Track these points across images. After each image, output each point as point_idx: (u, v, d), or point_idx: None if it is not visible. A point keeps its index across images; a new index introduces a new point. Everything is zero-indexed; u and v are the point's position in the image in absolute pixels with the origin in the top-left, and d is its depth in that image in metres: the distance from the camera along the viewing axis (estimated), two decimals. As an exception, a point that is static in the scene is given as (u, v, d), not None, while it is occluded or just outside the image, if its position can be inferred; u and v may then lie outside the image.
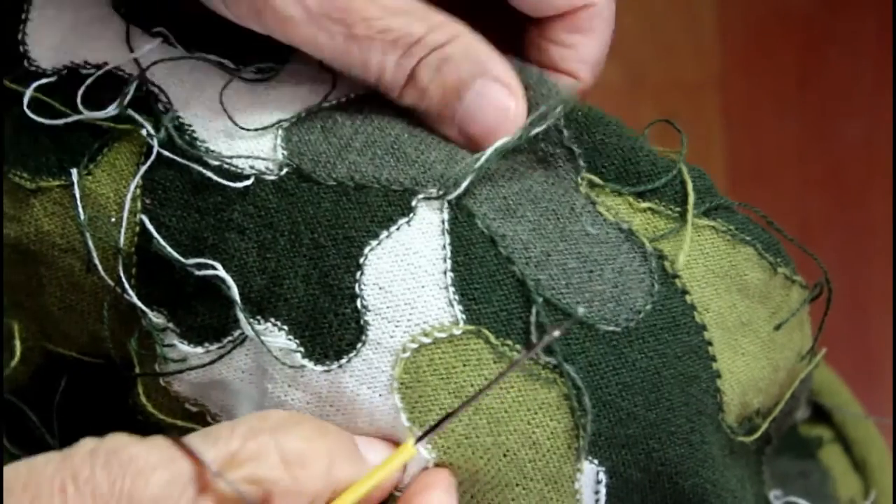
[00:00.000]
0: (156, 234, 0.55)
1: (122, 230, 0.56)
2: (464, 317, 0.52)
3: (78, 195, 0.56)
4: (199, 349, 0.54)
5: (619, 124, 0.59)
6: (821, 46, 1.47)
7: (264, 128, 0.56)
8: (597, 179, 0.57)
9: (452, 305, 0.53)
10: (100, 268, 0.56)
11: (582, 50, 0.58)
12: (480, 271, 0.53)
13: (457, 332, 0.52)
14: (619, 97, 1.31)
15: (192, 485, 0.43)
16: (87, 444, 0.44)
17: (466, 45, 0.55)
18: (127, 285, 0.55)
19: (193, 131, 0.57)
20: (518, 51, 0.59)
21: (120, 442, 0.43)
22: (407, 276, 0.53)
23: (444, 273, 0.53)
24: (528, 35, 0.59)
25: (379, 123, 0.57)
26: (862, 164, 1.44)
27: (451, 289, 0.53)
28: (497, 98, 0.55)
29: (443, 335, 0.52)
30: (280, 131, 0.56)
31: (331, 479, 0.47)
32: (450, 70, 0.55)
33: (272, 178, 0.55)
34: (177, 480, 0.43)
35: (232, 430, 0.46)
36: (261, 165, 0.55)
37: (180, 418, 0.56)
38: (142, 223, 0.55)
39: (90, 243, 0.56)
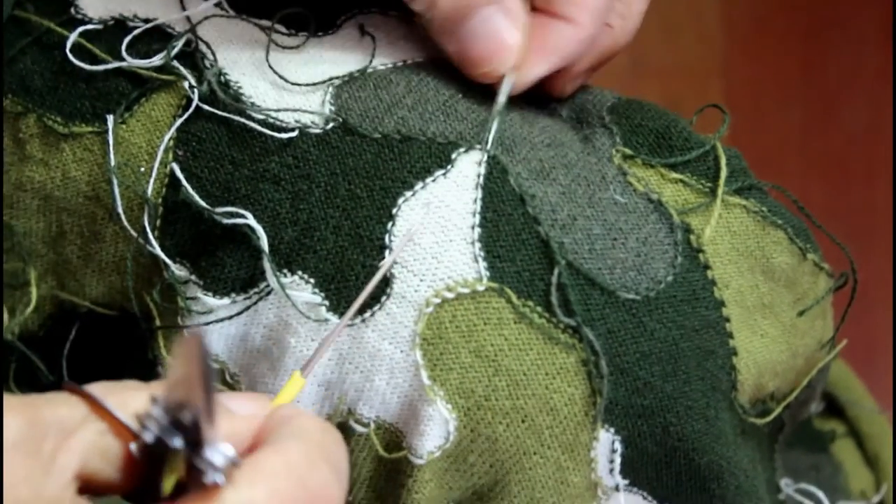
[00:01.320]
0: (184, 182, 0.56)
1: (152, 180, 0.57)
2: (487, 273, 0.54)
3: (111, 142, 0.57)
4: (226, 300, 0.55)
5: (657, 108, 0.61)
6: (824, 33, 1.47)
7: (315, 84, 0.58)
8: (629, 151, 0.59)
9: (477, 261, 0.54)
10: (123, 217, 0.57)
11: None
12: (507, 229, 0.55)
13: (480, 287, 0.54)
14: (622, 82, 1.30)
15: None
16: None
17: None
18: (151, 236, 0.56)
19: (240, 87, 0.58)
20: None
21: None
22: (437, 228, 0.54)
23: (472, 228, 0.55)
24: None
25: (434, 85, 0.59)
26: (864, 151, 1.44)
27: (478, 244, 0.54)
28: (501, 28, 0.56)
29: (466, 290, 0.54)
30: (331, 88, 0.58)
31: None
32: None
33: (317, 131, 0.57)
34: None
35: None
36: (307, 119, 0.57)
37: None
38: (171, 173, 0.57)
39: (116, 191, 0.57)
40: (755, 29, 1.50)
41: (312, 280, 0.54)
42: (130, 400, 0.42)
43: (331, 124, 0.56)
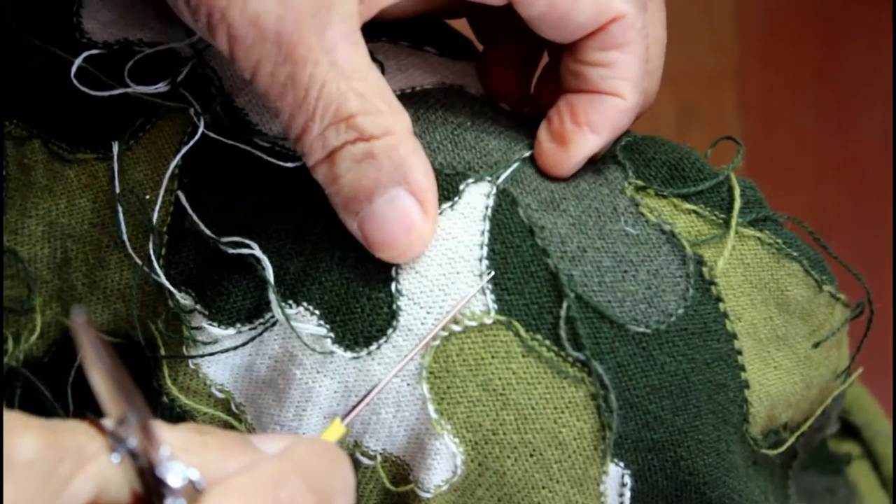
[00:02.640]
0: (190, 210, 0.56)
1: (157, 208, 0.56)
2: (495, 306, 0.53)
3: (116, 169, 0.57)
4: (231, 330, 0.55)
5: (670, 142, 0.60)
6: (838, 38, 1.46)
7: None
8: (642, 183, 0.58)
9: (485, 294, 0.53)
10: (128, 245, 0.57)
11: (620, 66, 0.56)
12: (515, 261, 0.54)
13: (488, 321, 0.53)
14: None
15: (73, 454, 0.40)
16: None
17: (394, 145, 0.52)
18: (156, 264, 0.56)
19: (246, 114, 0.58)
20: (556, 82, 0.59)
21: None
22: (444, 260, 0.54)
23: (480, 260, 0.54)
24: (563, 63, 0.58)
25: (442, 113, 0.58)
26: (878, 155, 1.43)
27: (485, 276, 0.53)
28: (406, 213, 0.53)
29: (473, 324, 0.53)
30: None
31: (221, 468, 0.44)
32: (370, 170, 0.52)
33: None
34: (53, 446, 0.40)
35: None
36: None
37: (205, 404, 0.57)
38: (176, 200, 0.56)
39: (121, 218, 0.57)
40: (769, 34, 1.50)
41: (318, 312, 0.53)
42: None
43: None
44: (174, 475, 0.39)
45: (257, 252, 0.54)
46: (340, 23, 0.50)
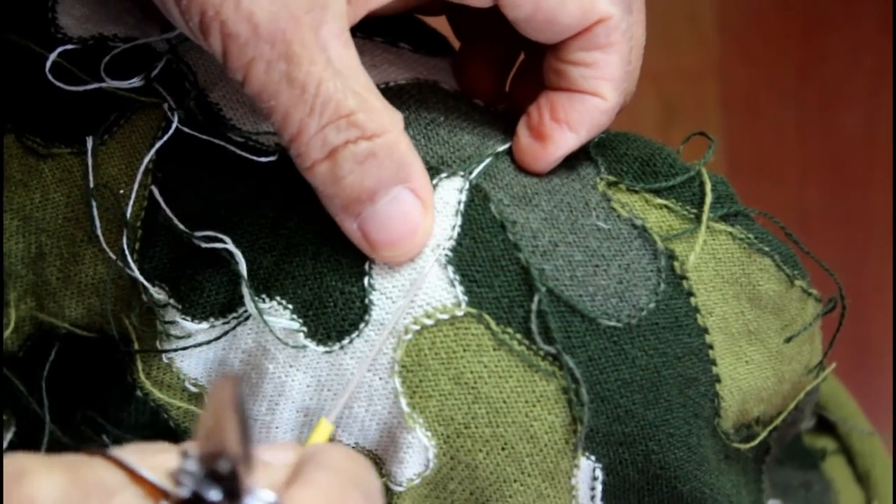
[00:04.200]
0: (164, 205, 0.56)
1: (131, 202, 0.57)
2: (465, 298, 0.54)
3: (90, 163, 0.57)
4: (204, 324, 0.55)
5: (642, 138, 0.60)
6: (820, 35, 1.47)
7: None
8: (613, 178, 0.58)
9: (454, 285, 0.53)
10: (102, 239, 0.57)
11: (603, 67, 0.56)
12: (485, 255, 0.54)
13: (459, 313, 0.53)
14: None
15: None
16: None
17: (393, 143, 0.52)
18: (130, 259, 0.56)
19: (220, 109, 0.58)
20: (539, 78, 0.59)
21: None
22: (415, 255, 0.54)
23: (446, 251, 0.54)
24: (546, 61, 0.58)
25: (416, 108, 0.58)
26: (861, 153, 1.44)
27: (450, 268, 0.54)
28: (409, 210, 0.53)
29: (445, 316, 0.53)
30: None
31: None
32: (373, 169, 0.52)
33: None
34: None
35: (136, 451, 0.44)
36: None
37: (179, 398, 0.57)
38: (150, 195, 0.56)
39: (95, 213, 0.57)
40: (750, 31, 1.50)
41: (291, 306, 0.54)
42: (164, 462, 0.42)
43: None
44: (258, 502, 0.40)
45: (230, 246, 0.54)
46: (333, 21, 0.50)
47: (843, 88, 1.47)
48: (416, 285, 0.53)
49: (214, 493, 0.40)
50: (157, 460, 0.42)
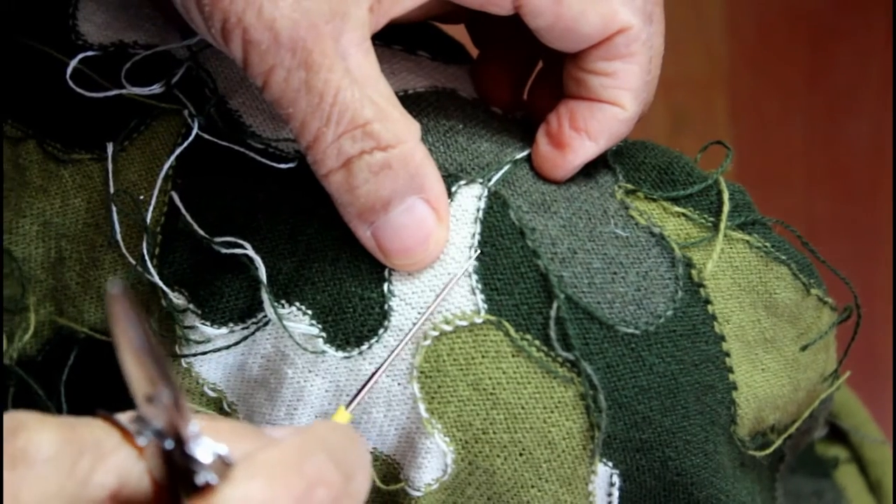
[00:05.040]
0: (184, 210, 0.56)
1: (151, 208, 0.57)
2: (485, 306, 0.54)
3: (111, 169, 0.57)
4: (224, 329, 0.55)
5: (660, 147, 0.60)
6: (828, 45, 1.47)
7: None
8: (632, 186, 0.58)
9: (475, 294, 0.54)
10: (121, 245, 0.57)
11: (623, 77, 0.57)
12: (505, 262, 0.54)
13: (478, 320, 0.54)
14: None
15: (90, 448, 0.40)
16: None
17: (409, 154, 0.52)
18: (149, 264, 0.56)
19: (240, 116, 0.58)
20: (557, 86, 0.59)
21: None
22: (435, 262, 0.54)
23: (468, 260, 0.54)
24: (566, 70, 0.58)
25: (434, 115, 0.58)
26: (868, 162, 1.44)
27: (474, 276, 0.54)
28: (423, 220, 0.53)
29: (463, 323, 0.53)
30: None
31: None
32: (388, 180, 0.52)
33: None
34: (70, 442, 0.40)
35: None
36: None
37: (198, 403, 0.57)
38: (170, 201, 0.57)
39: (115, 218, 0.57)
40: (759, 41, 1.50)
41: (310, 311, 0.54)
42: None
43: None
44: (204, 451, 0.39)
45: (250, 252, 0.54)
46: (353, 31, 0.50)
47: (851, 98, 1.47)
48: (445, 294, 0.53)
49: (168, 443, 0.39)
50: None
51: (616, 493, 0.55)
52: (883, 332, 1.33)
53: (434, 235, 0.53)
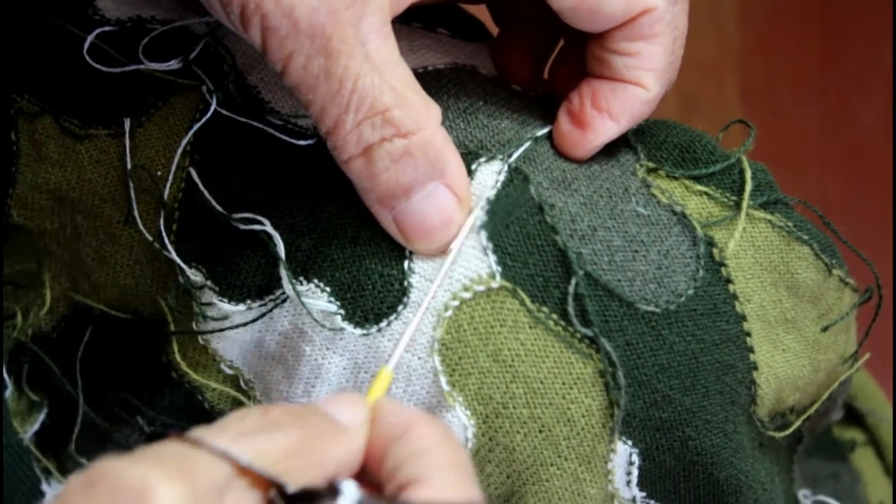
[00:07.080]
0: (202, 187, 0.56)
1: (168, 184, 0.57)
2: (499, 269, 0.53)
3: (128, 145, 0.57)
4: (241, 306, 0.55)
5: (681, 126, 0.60)
6: (841, 28, 1.46)
7: None
8: (653, 165, 0.58)
9: (486, 254, 0.54)
10: (139, 220, 0.57)
11: (646, 57, 0.56)
12: (518, 230, 0.54)
13: (494, 284, 0.53)
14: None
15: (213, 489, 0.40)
16: (73, 479, 0.40)
17: (429, 140, 0.52)
18: (167, 240, 0.56)
19: (259, 92, 0.58)
20: (579, 64, 0.59)
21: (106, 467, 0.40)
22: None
23: (477, 209, 0.54)
24: (589, 49, 0.58)
25: (455, 92, 0.58)
26: (881, 145, 1.43)
27: (483, 233, 0.54)
28: (444, 205, 0.53)
29: (481, 288, 0.53)
30: None
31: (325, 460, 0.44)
32: (408, 167, 0.52)
33: None
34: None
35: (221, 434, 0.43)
36: None
37: (215, 380, 0.57)
38: (188, 177, 0.56)
39: (133, 194, 0.57)
40: (771, 24, 1.49)
41: (328, 289, 0.54)
42: (263, 446, 0.42)
43: None
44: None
45: (269, 228, 0.54)
46: (373, 15, 0.50)
47: (864, 81, 1.47)
48: (459, 246, 0.53)
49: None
50: (257, 446, 0.41)
51: (635, 472, 0.55)
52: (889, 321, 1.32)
53: (455, 220, 0.53)
